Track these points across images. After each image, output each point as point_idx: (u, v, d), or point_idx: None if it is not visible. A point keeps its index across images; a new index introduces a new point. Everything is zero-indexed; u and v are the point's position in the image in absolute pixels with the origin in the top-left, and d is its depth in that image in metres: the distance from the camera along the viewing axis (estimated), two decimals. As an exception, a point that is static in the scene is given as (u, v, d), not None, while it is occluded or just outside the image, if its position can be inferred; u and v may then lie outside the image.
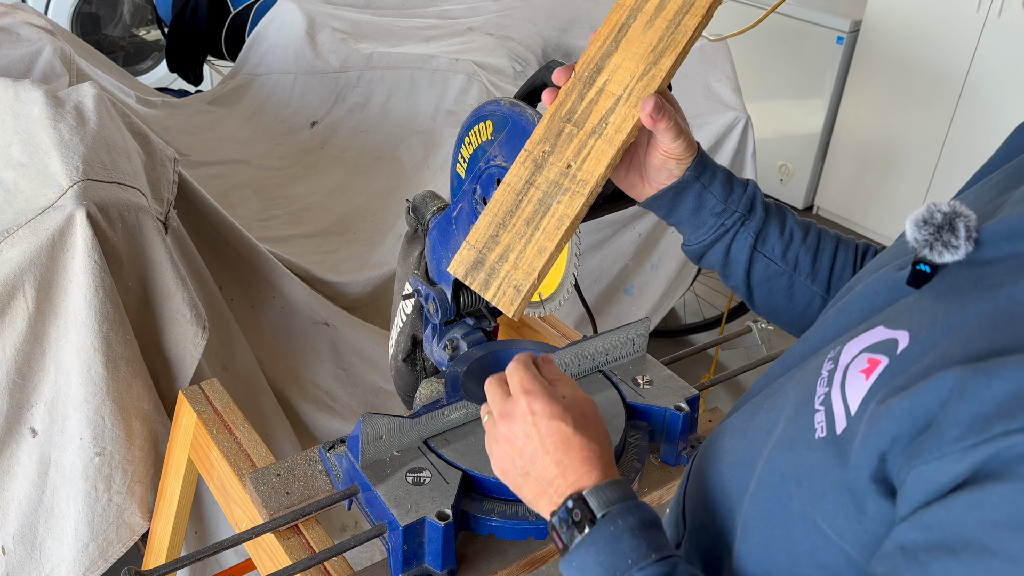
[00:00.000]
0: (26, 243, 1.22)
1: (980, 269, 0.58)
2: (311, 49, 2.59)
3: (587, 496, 0.69)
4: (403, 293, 1.25)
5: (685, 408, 1.14)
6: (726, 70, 2.54)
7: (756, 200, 0.91)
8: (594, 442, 0.73)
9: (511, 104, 0.99)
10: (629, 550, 0.65)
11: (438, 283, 1.19)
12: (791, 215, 0.95)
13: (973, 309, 0.55)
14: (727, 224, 0.90)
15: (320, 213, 2.18)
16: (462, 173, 1.08)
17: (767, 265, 0.92)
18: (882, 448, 0.54)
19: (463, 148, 1.07)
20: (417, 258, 1.25)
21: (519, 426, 0.74)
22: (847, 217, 3.97)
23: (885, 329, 0.60)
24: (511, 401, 0.76)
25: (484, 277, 0.88)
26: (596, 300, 2.38)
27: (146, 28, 3.86)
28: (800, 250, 0.92)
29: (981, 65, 3.32)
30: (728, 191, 0.90)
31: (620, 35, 0.86)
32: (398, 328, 1.30)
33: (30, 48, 1.77)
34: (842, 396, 0.59)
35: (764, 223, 0.91)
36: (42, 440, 1.31)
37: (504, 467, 0.76)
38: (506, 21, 2.71)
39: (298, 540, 1.05)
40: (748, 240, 0.91)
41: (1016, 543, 0.46)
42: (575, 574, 0.68)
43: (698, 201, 0.90)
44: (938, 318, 0.57)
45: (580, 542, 0.68)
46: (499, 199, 0.89)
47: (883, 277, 0.68)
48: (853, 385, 0.59)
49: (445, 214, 1.14)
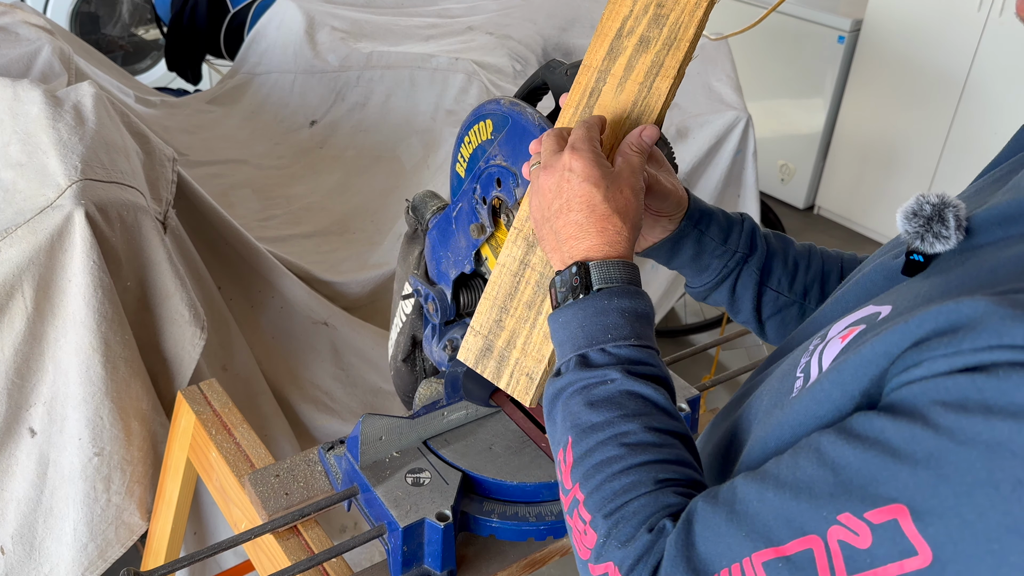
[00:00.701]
0: (25, 243, 1.22)
1: (971, 255, 0.59)
2: (310, 48, 2.58)
3: (591, 267, 0.69)
4: (403, 293, 1.24)
5: (686, 408, 1.13)
6: (727, 69, 2.54)
7: (756, 236, 0.91)
8: (619, 218, 0.71)
9: (511, 103, 0.99)
10: (612, 326, 0.67)
11: (438, 283, 1.18)
12: (792, 244, 0.94)
13: (954, 277, 0.57)
14: (730, 265, 0.90)
15: (319, 213, 2.17)
16: (462, 172, 1.08)
17: (776, 298, 0.92)
18: (853, 386, 0.55)
19: (463, 147, 1.06)
20: (417, 258, 1.25)
21: (554, 179, 0.73)
22: (848, 217, 3.97)
23: (872, 306, 0.62)
24: (558, 155, 0.75)
25: (495, 365, 0.86)
26: (596, 300, 2.38)
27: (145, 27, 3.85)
28: (807, 278, 0.92)
29: (982, 65, 3.32)
30: (726, 232, 0.90)
31: (592, 100, 0.84)
32: (397, 328, 1.30)
33: (29, 47, 1.76)
34: (819, 361, 0.61)
35: (767, 258, 0.91)
36: (41, 440, 1.31)
37: (535, 215, 0.76)
38: (506, 20, 2.71)
39: (297, 541, 1.05)
40: (753, 277, 0.90)
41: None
42: (558, 328, 0.70)
43: (697, 247, 0.90)
44: (921, 291, 0.58)
45: (570, 304, 0.69)
46: (496, 281, 0.87)
47: (879, 267, 0.69)
48: (830, 350, 0.61)
49: (445, 214, 1.14)
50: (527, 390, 0.83)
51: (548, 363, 0.82)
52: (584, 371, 0.66)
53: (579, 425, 0.65)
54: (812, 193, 4.09)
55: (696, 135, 2.36)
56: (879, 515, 0.49)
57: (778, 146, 4.09)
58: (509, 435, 1.08)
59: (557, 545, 1.07)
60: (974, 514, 0.46)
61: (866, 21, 3.62)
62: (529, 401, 0.83)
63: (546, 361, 0.82)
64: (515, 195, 1.01)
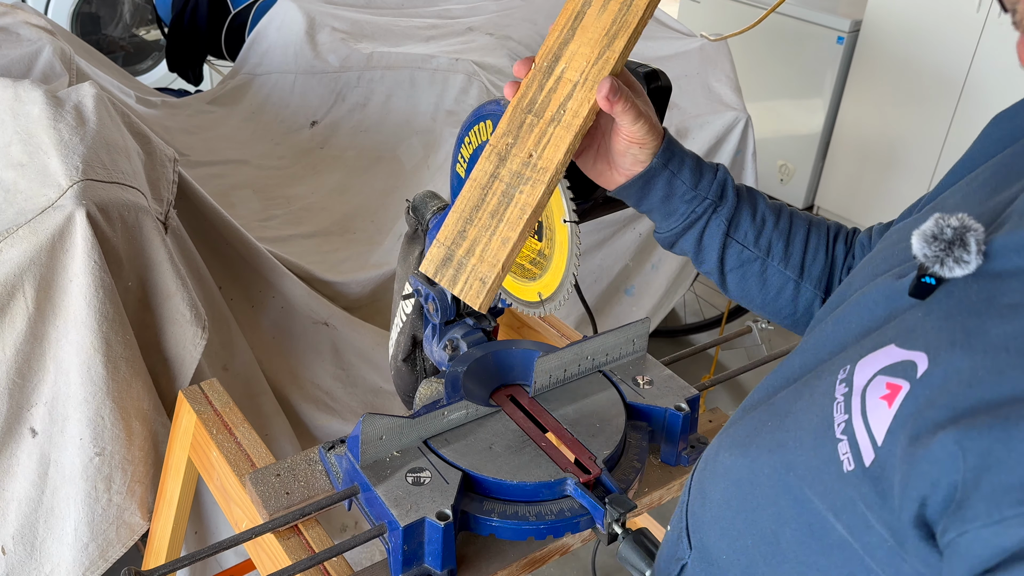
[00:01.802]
0: (26, 243, 1.22)
1: (991, 283, 0.55)
2: (311, 49, 2.58)
3: None
4: (403, 293, 1.25)
5: (685, 408, 1.13)
6: (726, 70, 2.54)
7: (727, 186, 0.91)
8: None
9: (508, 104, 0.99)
10: None
11: (438, 283, 1.19)
12: (762, 199, 0.94)
13: (996, 332, 0.53)
14: (698, 211, 0.90)
15: (320, 213, 2.17)
16: (462, 173, 1.08)
17: (740, 251, 0.92)
18: (922, 493, 0.51)
19: (463, 148, 1.07)
20: (417, 258, 1.25)
21: None
22: (847, 217, 3.97)
23: (898, 349, 0.58)
24: None
25: (452, 273, 0.90)
26: (596, 300, 2.38)
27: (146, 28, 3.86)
28: (773, 235, 0.92)
29: (981, 65, 3.32)
30: (698, 177, 0.90)
31: (576, 22, 0.88)
32: (398, 328, 1.30)
33: (30, 48, 1.77)
34: (865, 425, 0.57)
35: (736, 209, 0.91)
36: (42, 440, 1.31)
37: None
38: (506, 21, 2.71)
39: (298, 540, 1.05)
40: (721, 227, 0.91)
41: None
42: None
43: (667, 188, 0.90)
44: (956, 339, 0.54)
45: None
46: (466, 195, 0.90)
47: (882, 286, 0.66)
48: (875, 413, 0.56)
49: (445, 213, 1.14)
50: (478, 294, 0.86)
51: (502, 268, 0.85)
52: None
53: None
54: (811, 193, 4.10)
55: (696, 135, 2.37)
56: None
57: (777, 146, 4.10)
58: (509, 435, 1.09)
59: (557, 544, 1.07)
60: None
61: (865, 22, 3.62)
62: (479, 305, 0.86)
63: (500, 266, 0.85)
64: None
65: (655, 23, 2.78)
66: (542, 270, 1.05)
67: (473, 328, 1.21)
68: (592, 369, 1.20)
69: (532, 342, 1.25)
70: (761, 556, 0.67)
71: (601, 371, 1.20)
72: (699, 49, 2.59)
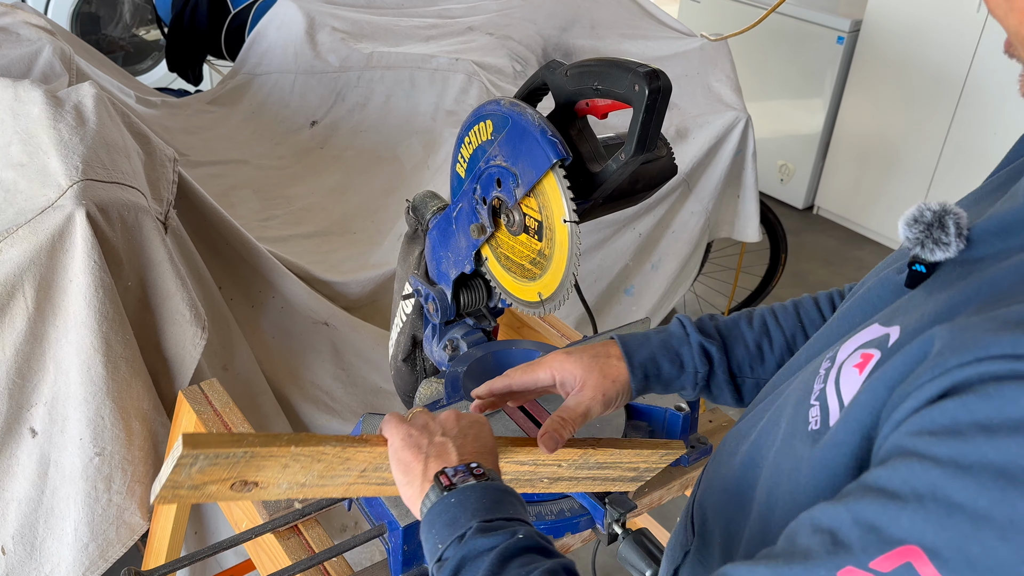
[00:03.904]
0: (26, 243, 1.22)
1: (972, 266, 0.58)
2: (311, 49, 2.58)
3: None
4: (403, 293, 1.25)
5: (685, 408, 1.13)
6: (726, 70, 2.54)
7: (707, 349, 0.89)
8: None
9: (511, 104, 0.99)
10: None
11: (438, 283, 1.18)
12: (744, 321, 0.93)
13: (957, 293, 0.56)
14: (700, 380, 0.90)
15: (320, 213, 2.17)
16: (462, 173, 1.08)
17: (756, 382, 0.92)
18: (865, 424, 0.53)
19: (463, 148, 1.07)
20: (417, 258, 1.25)
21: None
22: (847, 217, 3.97)
23: (879, 327, 0.61)
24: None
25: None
26: (596, 300, 2.38)
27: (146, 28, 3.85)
28: (776, 350, 0.91)
29: (981, 65, 3.32)
30: (677, 365, 0.89)
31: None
32: (398, 328, 1.30)
33: (30, 48, 1.77)
34: (836, 391, 0.60)
35: (727, 354, 0.90)
36: (42, 440, 1.31)
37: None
38: (506, 21, 2.71)
39: (298, 540, 1.05)
40: (724, 377, 0.90)
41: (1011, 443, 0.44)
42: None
43: (660, 388, 0.90)
44: (927, 310, 0.57)
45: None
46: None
47: (885, 280, 0.69)
48: (847, 379, 0.59)
49: (445, 214, 1.14)
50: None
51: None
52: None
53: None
54: (811, 193, 4.10)
55: (696, 135, 2.37)
56: (888, 561, 0.45)
57: (777, 146, 4.10)
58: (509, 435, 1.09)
59: (557, 544, 1.07)
60: (996, 539, 0.42)
61: (865, 22, 3.62)
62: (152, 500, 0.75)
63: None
64: (515, 195, 1.01)
65: (655, 23, 2.78)
66: (542, 270, 1.05)
67: (473, 328, 1.21)
68: (592, 369, 1.20)
69: (532, 342, 1.25)
70: (741, 526, 0.70)
71: (601, 371, 1.20)
72: (699, 49, 2.59)
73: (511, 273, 1.10)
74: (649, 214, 2.34)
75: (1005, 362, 0.45)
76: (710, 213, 2.44)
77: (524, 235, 1.05)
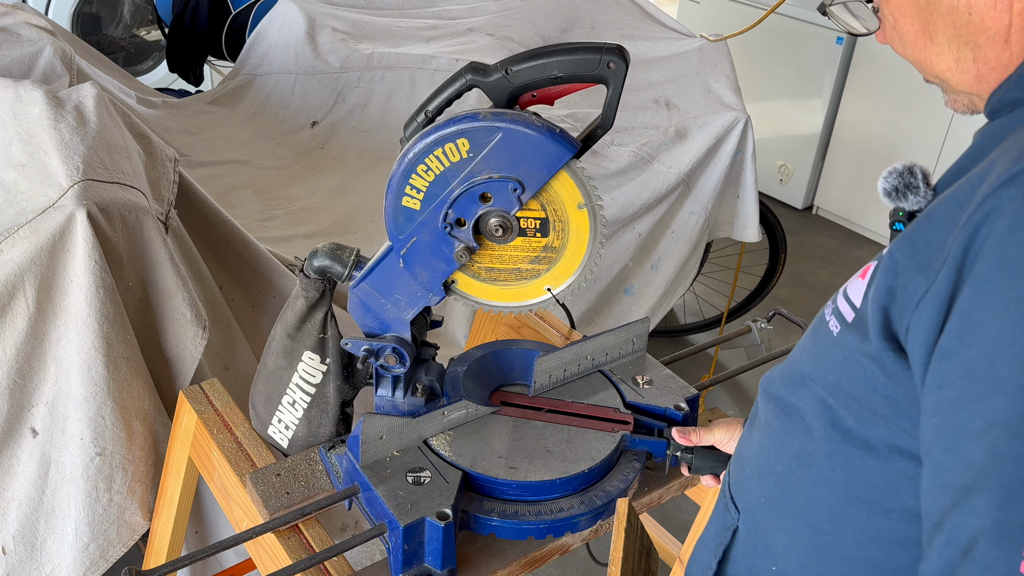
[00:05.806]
0: (26, 243, 1.22)
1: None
2: (311, 49, 2.59)
3: None
4: (338, 363, 1.16)
5: (685, 408, 1.14)
6: (726, 70, 2.54)
7: None
8: None
9: (495, 115, 0.95)
10: None
11: (387, 332, 1.11)
12: None
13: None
14: None
15: (320, 213, 2.18)
16: (415, 206, 1.01)
17: None
18: (882, 302, 0.62)
19: (414, 179, 0.99)
20: (320, 324, 1.15)
21: None
22: (847, 217, 3.98)
23: (873, 262, 0.71)
24: None
25: None
26: (596, 300, 2.38)
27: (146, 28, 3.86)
28: None
29: (981, 65, 3.32)
30: None
31: None
32: (302, 408, 1.19)
33: (30, 48, 1.77)
34: (846, 299, 0.70)
35: None
36: (42, 440, 1.31)
37: None
38: (506, 21, 2.72)
39: (298, 540, 1.05)
40: None
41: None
42: None
43: None
44: (903, 236, 0.67)
45: None
46: None
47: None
48: (853, 287, 0.69)
49: (383, 259, 1.05)
50: None
51: None
52: None
53: None
54: (811, 193, 4.10)
55: (695, 136, 2.37)
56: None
57: (777, 147, 4.10)
58: (509, 434, 1.09)
59: (557, 544, 1.08)
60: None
61: (865, 22, 3.62)
62: None
63: None
64: (520, 202, 0.99)
65: (655, 24, 2.78)
66: (550, 264, 1.05)
67: (425, 359, 1.16)
68: (592, 369, 1.20)
69: (532, 342, 1.25)
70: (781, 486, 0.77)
71: (601, 371, 1.21)
72: (699, 49, 2.59)
73: (498, 283, 1.07)
74: (649, 214, 2.34)
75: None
76: (709, 213, 2.44)
77: (520, 239, 1.04)
